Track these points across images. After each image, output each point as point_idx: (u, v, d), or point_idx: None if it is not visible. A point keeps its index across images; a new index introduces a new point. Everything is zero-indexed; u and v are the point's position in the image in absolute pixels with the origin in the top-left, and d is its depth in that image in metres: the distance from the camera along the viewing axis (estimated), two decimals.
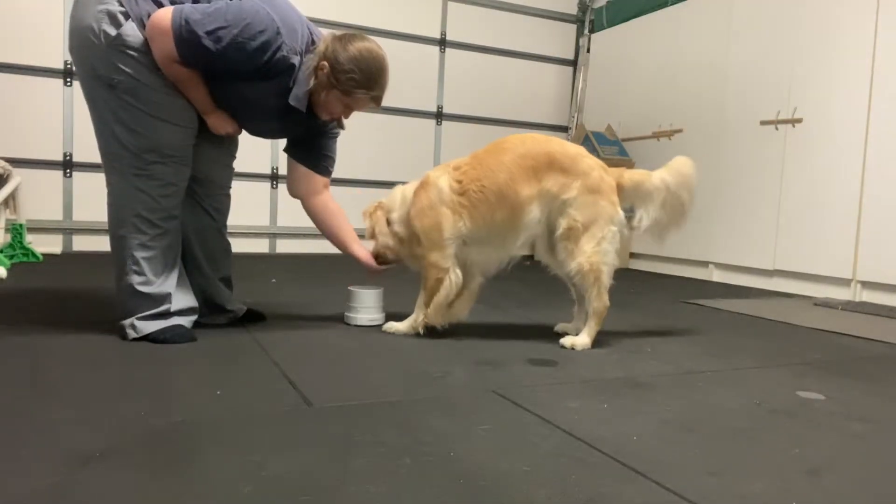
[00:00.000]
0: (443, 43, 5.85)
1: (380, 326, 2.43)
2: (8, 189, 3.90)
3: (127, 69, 1.94)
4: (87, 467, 1.11)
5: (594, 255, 2.23)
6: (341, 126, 2.36)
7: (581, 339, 2.26)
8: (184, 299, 2.13)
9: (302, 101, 2.11)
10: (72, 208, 4.65)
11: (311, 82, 2.10)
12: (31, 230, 4.18)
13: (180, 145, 2.08)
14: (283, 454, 1.20)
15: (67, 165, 4.62)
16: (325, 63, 2.08)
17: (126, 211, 2.02)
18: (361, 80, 2.11)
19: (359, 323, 2.46)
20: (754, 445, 1.38)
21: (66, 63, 4.52)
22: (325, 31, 2.18)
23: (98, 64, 1.95)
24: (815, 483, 1.20)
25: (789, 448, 1.37)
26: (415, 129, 5.80)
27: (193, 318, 2.17)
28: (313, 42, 2.12)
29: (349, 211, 2.53)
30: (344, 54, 2.08)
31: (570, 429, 1.41)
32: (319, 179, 2.42)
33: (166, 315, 2.06)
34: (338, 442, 1.28)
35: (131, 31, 1.93)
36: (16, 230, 3.94)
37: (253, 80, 2.04)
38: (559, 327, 2.50)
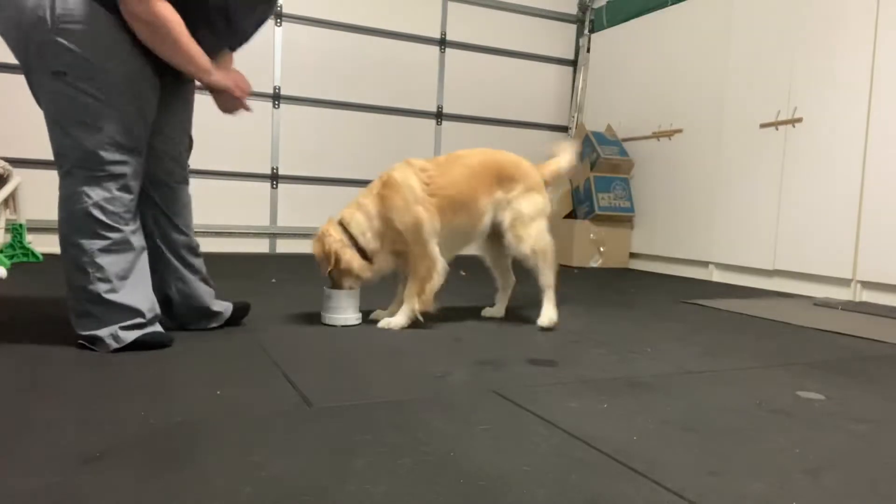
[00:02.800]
0: (443, 43, 5.84)
1: (357, 326, 2.44)
2: (8, 189, 3.90)
3: (78, 50, 1.77)
4: (87, 467, 1.11)
5: (539, 239, 2.56)
6: None
7: (551, 314, 2.56)
8: (152, 305, 2.01)
9: None
10: None
11: None
12: (31, 230, 4.18)
13: (138, 137, 1.92)
14: (283, 454, 1.20)
15: None
16: None
17: (82, 215, 1.86)
18: None
19: (335, 323, 2.43)
20: (754, 445, 1.38)
21: None
22: None
23: (47, 51, 1.77)
24: (815, 483, 1.20)
25: (789, 448, 1.37)
26: (415, 129, 5.80)
27: (157, 321, 2.04)
28: None
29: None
30: None
31: (570, 429, 1.41)
32: None
33: (141, 325, 1.95)
34: (338, 442, 1.28)
35: (83, 5, 1.76)
36: (16, 230, 3.94)
37: None
38: (486, 312, 2.79)
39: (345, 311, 2.45)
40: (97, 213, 1.87)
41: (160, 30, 1.83)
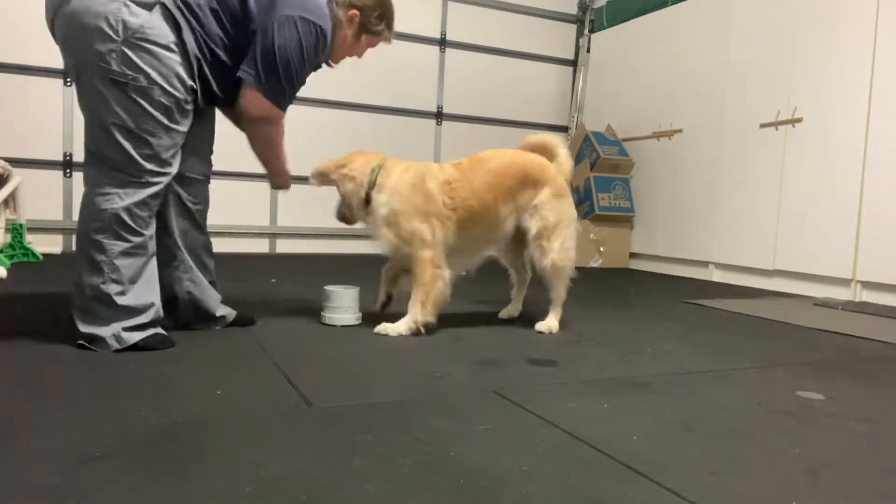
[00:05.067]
0: (443, 43, 5.85)
1: (357, 326, 2.43)
2: (8, 189, 3.89)
3: (144, 66, 1.83)
4: (87, 467, 1.11)
5: (561, 252, 2.50)
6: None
7: (553, 323, 2.54)
8: (157, 308, 2.03)
9: (327, 57, 2.23)
10: (72, 208, 4.65)
11: (349, 32, 2.22)
12: (31, 230, 4.17)
13: (175, 154, 2.00)
14: (283, 454, 1.20)
15: (67, 165, 4.62)
16: (356, 12, 2.19)
17: (109, 216, 1.89)
18: (387, 17, 2.28)
19: (334, 323, 2.42)
20: (754, 445, 1.38)
21: None
22: None
23: (111, 58, 1.81)
24: (815, 483, 1.20)
25: (789, 448, 1.37)
26: (415, 129, 5.80)
27: (158, 323, 2.05)
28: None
29: None
30: (369, 0, 2.21)
31: (570, 429, 1.41)
32: None
33: (143, 327, 1.96)
34: (338, 442, 1.28)
35: (157, 22, 1.83)
36: (16, 230, 3.94)
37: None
38: (503, 313, 2.75)
39: (345, 312, 2.45)
40: (126, 216, 1.90)
41: (277, 141, 2.18)
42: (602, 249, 5.47)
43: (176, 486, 1.06)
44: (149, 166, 1.92)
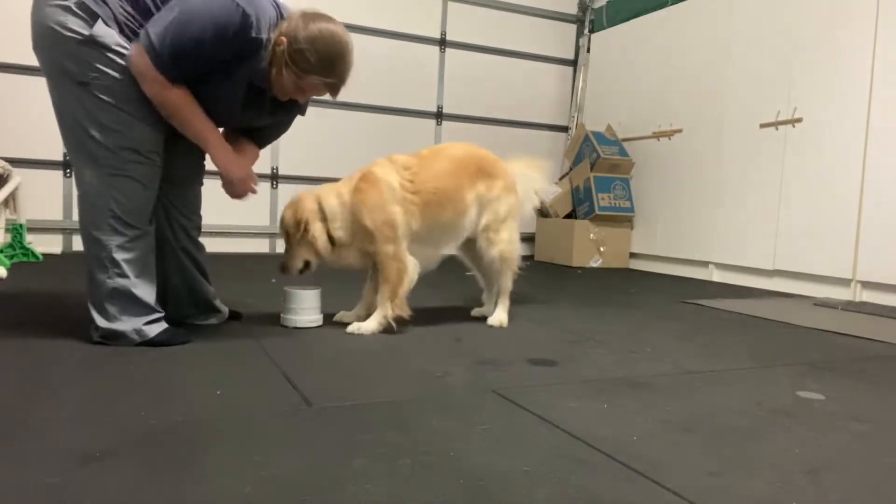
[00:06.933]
0: (443, 43, 5.84)
1: (320, 327, 2.40)
2: (8, 189, 3.90)
3: (101, 66, 1.87)
4: (87, 467, 1.11)
5: (509, 243, 2.58)
6: (301, 110, 2.31)
7: (503, 316, 2.59)
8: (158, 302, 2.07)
9: (264, 79, 2.05)
10: (72, 208, 4.65)
11: (272, 58, 2.00)
12: (31, 230, 4.18)
13: (155, 143, 2.00)
14: (283, 454, 1.20)
15: (67, 165, 4.62)
16: (284, 39, 1.97)
17: (102, 212, 1.93)
18: (315, 63, 2.00)
19: (297, 325, 2.37)
20: (754, 445, 1.38)
21: None
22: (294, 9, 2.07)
23: (68, 62, 1.87)
24: (815, 483, 1.20)
25: (789, 448, 1.37)
26: (415, 129, 5.79)
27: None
28: (282, 17, 2.02)
29: None
30: (303, 32, 1.96)
31: (570, 429, 1.41)
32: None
33: (159, 320, 2.02)
34: (338, 442, 1.28)
35: (103, 30, 1.86)
36: (16, 230, 3.94)
37: (229, 68, 1.97)
38: (475, 311, 2.76)
39: (305, 313, 2.38)
40: (118, 210, 1.94)
41: (170, 111, 1.96)
42: (602, 249, 5.46)
43: (176, 485, 1.06)
44: (129, 157, 1.94)
